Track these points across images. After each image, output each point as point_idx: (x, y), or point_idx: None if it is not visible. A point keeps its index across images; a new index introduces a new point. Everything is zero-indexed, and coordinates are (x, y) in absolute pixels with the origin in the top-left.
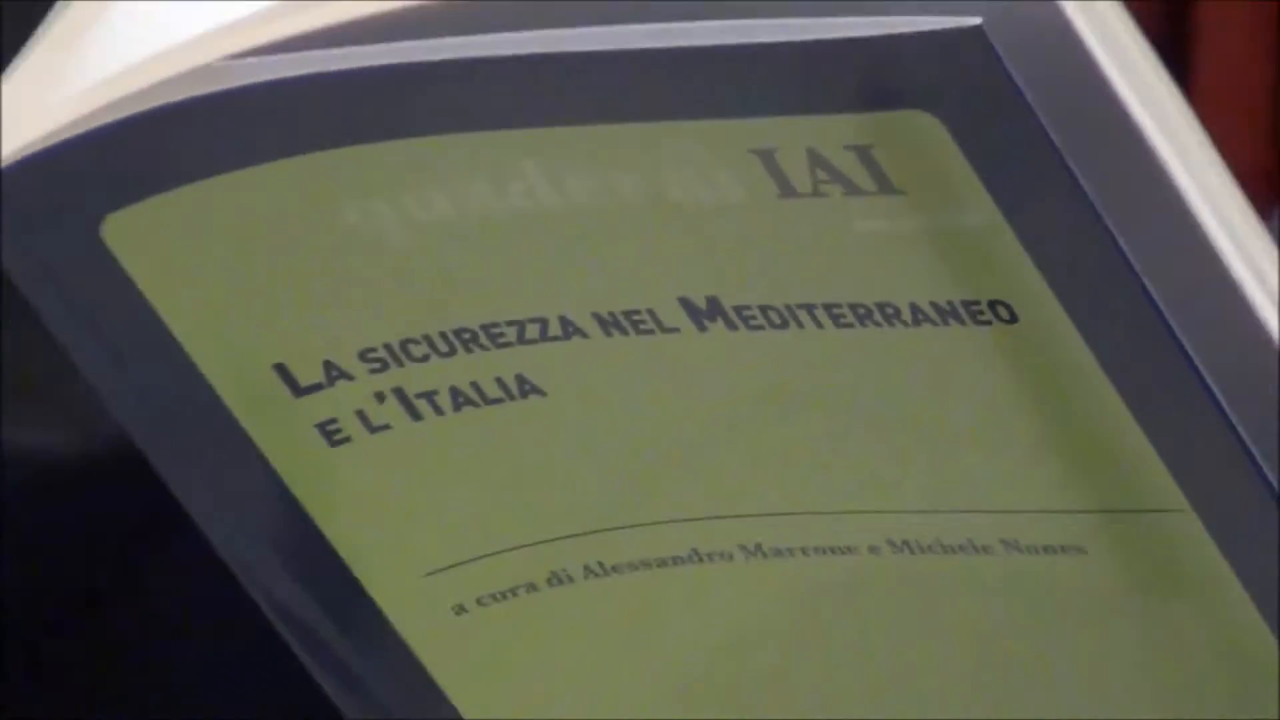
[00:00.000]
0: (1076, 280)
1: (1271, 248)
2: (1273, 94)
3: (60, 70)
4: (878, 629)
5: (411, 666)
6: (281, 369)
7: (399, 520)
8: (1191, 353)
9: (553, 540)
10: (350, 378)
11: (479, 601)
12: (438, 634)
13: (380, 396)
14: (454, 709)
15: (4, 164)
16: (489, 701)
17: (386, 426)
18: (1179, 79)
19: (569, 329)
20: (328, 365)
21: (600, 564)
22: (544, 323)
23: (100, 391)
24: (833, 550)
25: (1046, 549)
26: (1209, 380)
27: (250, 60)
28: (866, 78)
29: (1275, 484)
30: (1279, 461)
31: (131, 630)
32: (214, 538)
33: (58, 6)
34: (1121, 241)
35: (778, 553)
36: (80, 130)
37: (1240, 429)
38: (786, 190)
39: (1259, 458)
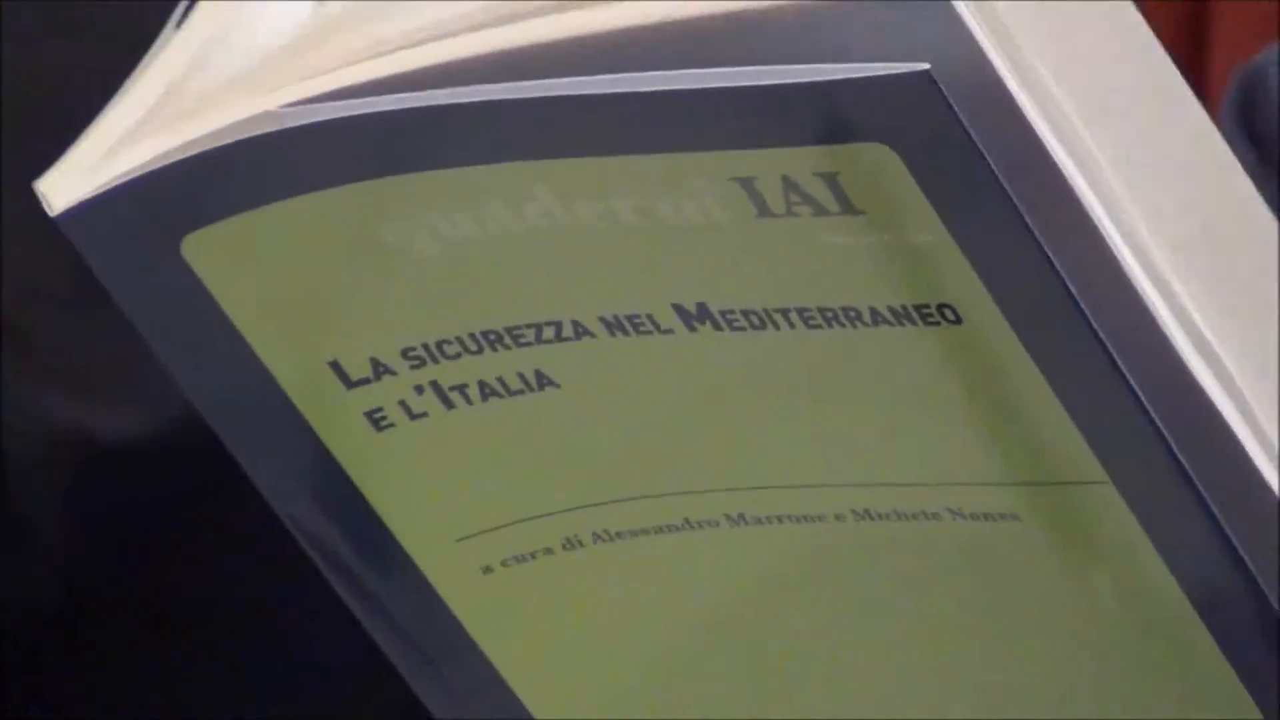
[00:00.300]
0: (1012, 286)
1: (1159, 253)
2: None
3: (147, 111)
4: (844, 585)
5: (446, 618)
6: (335, 365)
7: (434, 494)
8: (1110, 347)
9: (566, 511)
10: (393, 373)
11: (503, 563)
12: (468, 590)
13: (419, 389)
14: (483, 655)
15: (98, 191)
16: (513, 648)
17: (424, 414)
18: (1197, 79)
19: (579, 330)
20: (374, 362)
21: (606, 531)
22: (558, 325)
23: (179, 382)
24: (804, 518)
25: (986, 516)
26: (1125, 371)
27: (301, 107)
28: (832, 116)
29: (1184, 460)
30: (1187, 441)
31: (189, 598)
32: (278, 508)
33: (146, 57)
34: (1049, 252)
35: (757, 520)
36: (163, 164)
37: (1152, 411)
38: (764, 211)
39: (1169, 438)
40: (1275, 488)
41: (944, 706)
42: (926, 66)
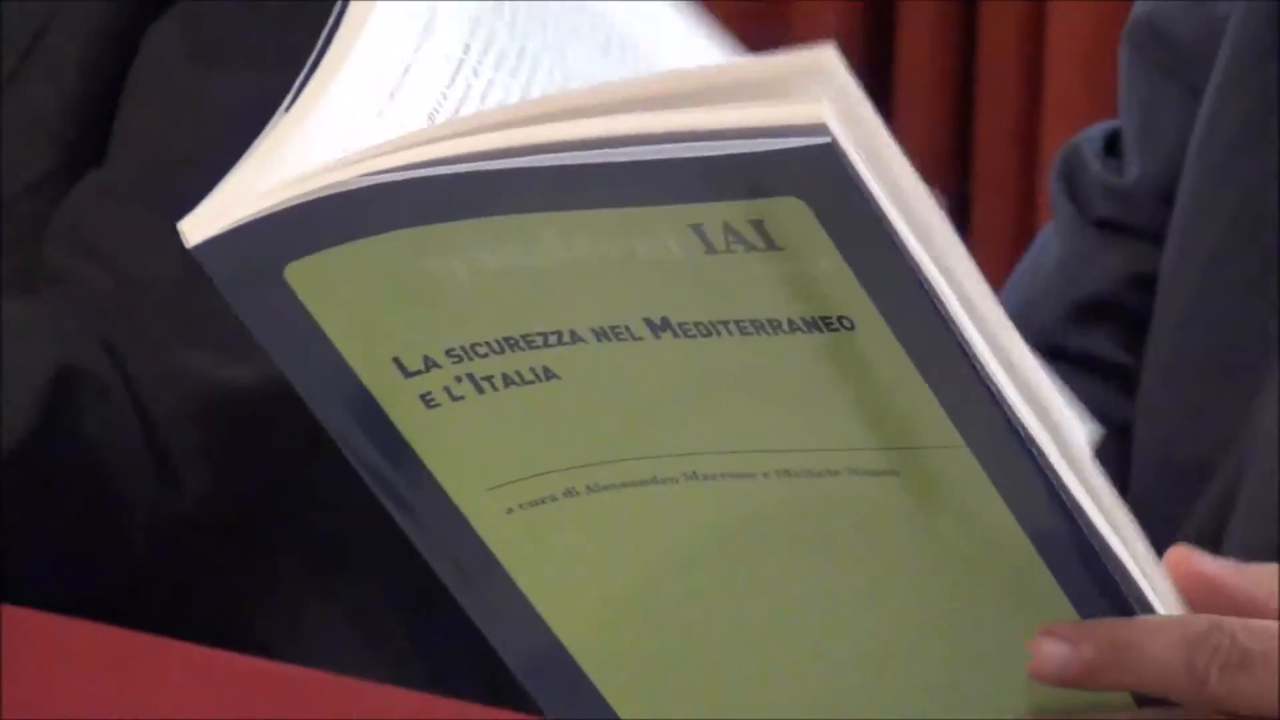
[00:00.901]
0: (892, 302)
1: (970, 269)
2: (955, 80)
3: (259, 174)
4: (772, 523)
5: (480, 546)
6: (396, 360)
7: (470, 456)
8: (965, 347)
9: (567, 469)
10: (439, 366)
11: (520, 506)
12: (495, 526)
13: (458, 379)
14: (506, 573)
15: (221, 231)
16: (529, 568)
17: (462, 397)
18: (885, 70)
19: (575, 337)
20: (425, 358)
21: (596, 484)
22: (559, 333)
23: (282, 368)
24: (742, 475)
25: (874, 473)
26: (975, 363)
27: (368, 176)
28: (758, 178)
29: (1021, 431)
30: (1022, 417)
31: (292, 534)
32: (357, 465)
33: (262, 134)
34: (920, 276)
35: (707, 478)
36: (270, 212)
37: (995, 391)
38: (710, 249)
39: (1009, 412)
40: (1085, 448)
41: (845, 604)
42: (829, 140)
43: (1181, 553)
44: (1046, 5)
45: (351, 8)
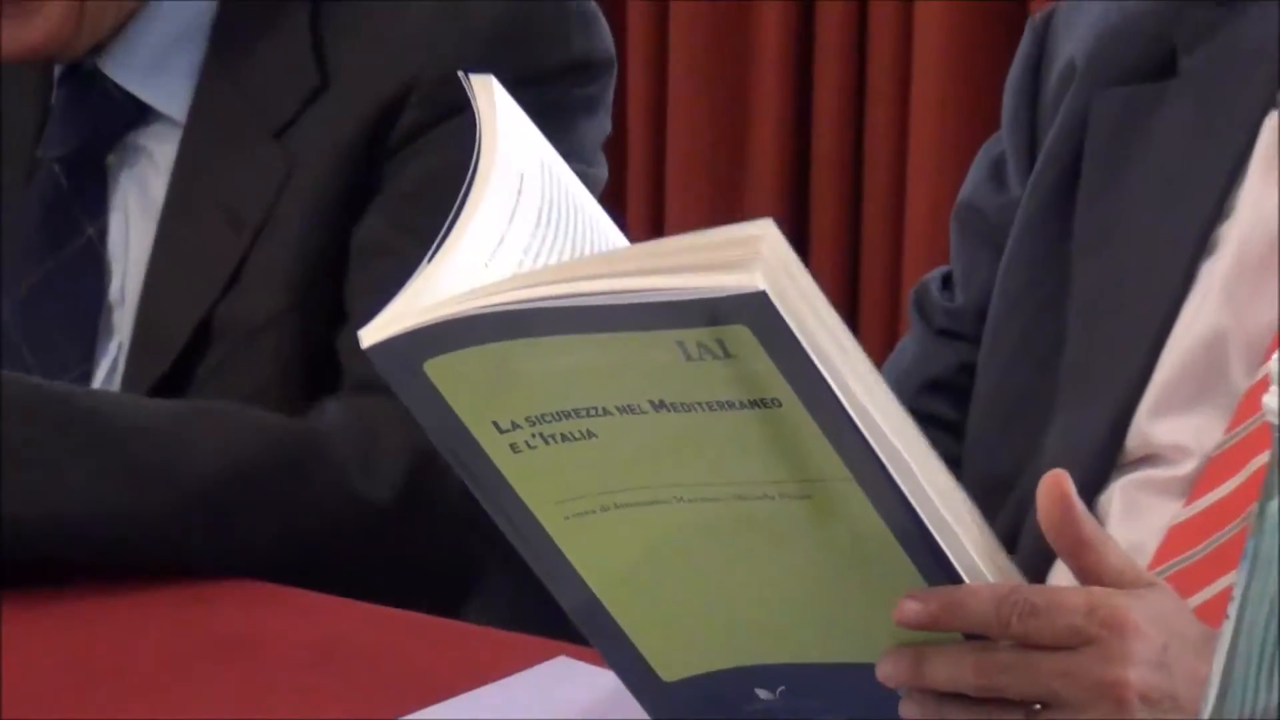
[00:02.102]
0: (805, 390)
1: (865, 368)
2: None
3: (406, 305)
4: (730, 526)
5: (547, 539)
6: (494, 423)
7: (540, 483)
8: (854, 417)
9: (599, 494)
10: (520, 427)
11: (574, 515)
12: (557, 526)
13: (532, 436)
14: (562, 553)
15: (384, 339)
16: (577, 550)
17: (535, 447)
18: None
19: (605, 411)
20: (512, 422)
21: (619, 503)
22: (595, 408)
23: (423, 426)
24: (709, 499)
25: (795, 496)
26: (861, 429)
27: (477, 311)
28: (718, 315)
29: (888, 471)
30: (888, 463)
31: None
32: (470, 486)
33: (412, 278)
34: (824, 374)
35: (688, 500)
36: (413, 328)
37: (872, 445)
38: (689, 357)
39: (881, 460)
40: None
41: (780, 574)
42: (764, 288)
43: (1055, 475)
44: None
45: (472, 191)
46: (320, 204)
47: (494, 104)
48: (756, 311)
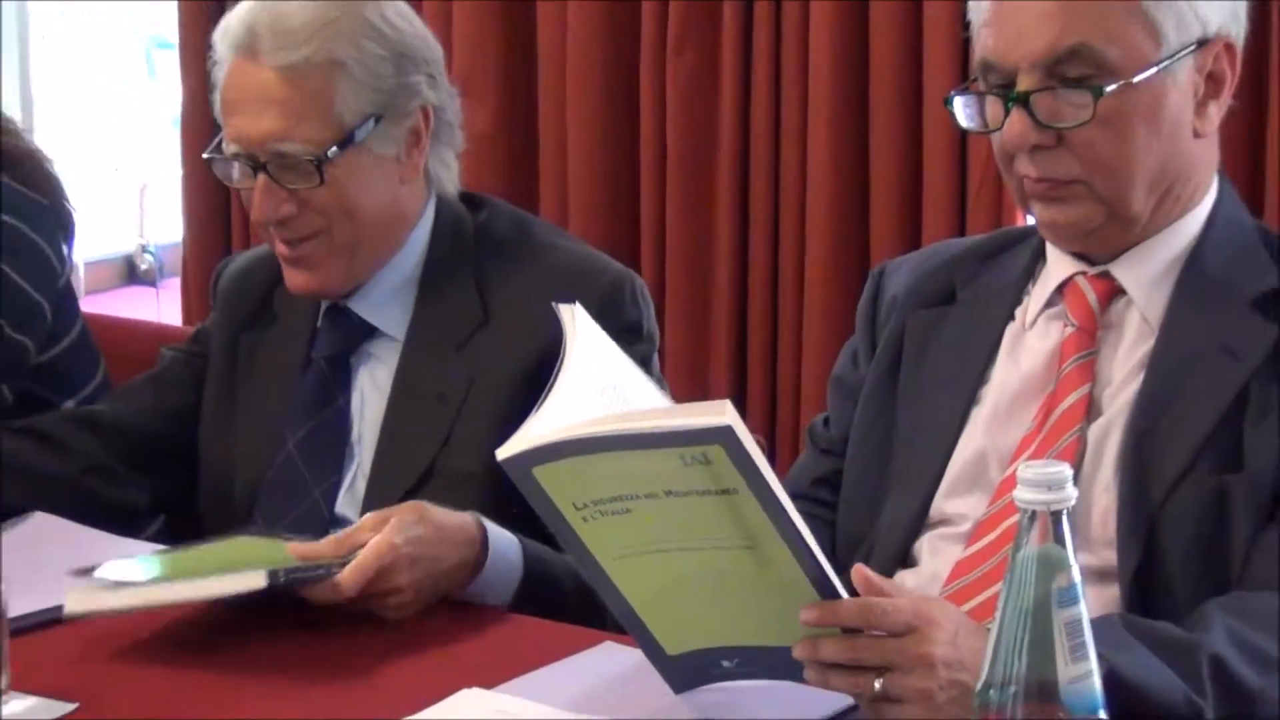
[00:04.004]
0: (753, 484)
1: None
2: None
3: (523, 434)
4: (707, 567)
5: (599, 568)
6: (573, 504)
7: (599, 539)
8: (782, 505)
9: (627, 548)
10: (587, 506)
11: (619, 558)
12: (609, 563)
13: (595, 512)
14: (608, 575)
15: (512, 454)
16: (618, 575)
17: (594, 517)
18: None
19: (634, 497)
20: (583, 503)
21: (637, 551)
22: (628, 495)
23: (534, 508)
24: (696, 549)
25: (745, 547)
26: (785, 511)
27: (554, 442)
28: (703, 438)
29: (802, 536)
30: (802, 532)
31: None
32: (557, 537)
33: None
34: (764, 474)
35: (678, 550)
36: (527, 448)
37: (792, 518)
38: (685, 463)
39: (797, 531)
40: (811, 545)
41: (731, 586)
42: (729, 422)
43: (860, 569)
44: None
45: (561, 372)
46: (500, 395)
47: (576, 321)
48: (726, 437)
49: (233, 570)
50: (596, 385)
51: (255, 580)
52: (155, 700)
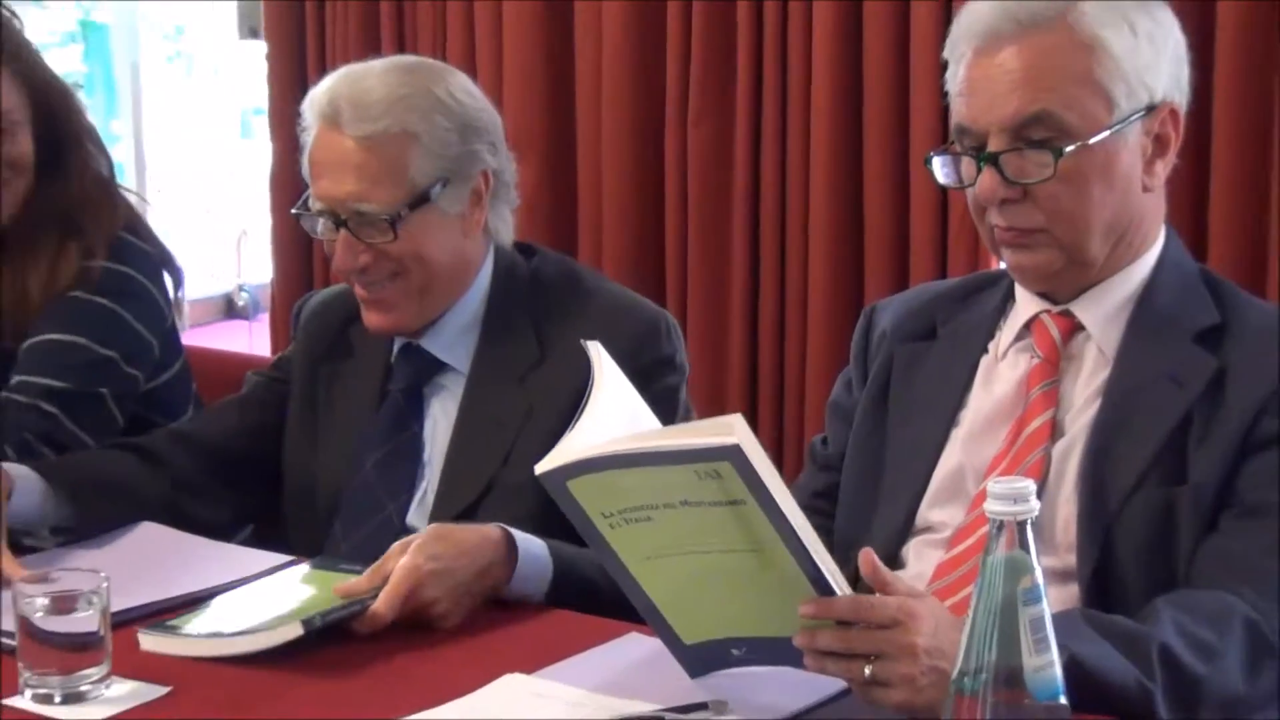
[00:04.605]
0: (759, 495)
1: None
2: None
3: (560, 450)
4: (717, 568)
5: (623, 567)
6: (601, 513)
7: (625, 544)
8: (785, 512)
9: (651, 550)
10: (614, 515)
11: (643, 560)
12: (634, 564)
13: (621, 520)
14: (630, 573)
15: (549, 469)
16: (641, 572)
17: (621, 525)
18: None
19: (653, 507)
20: (611, 511)
21: (659, 555)
22: (649, 505)
23: (571, 521)
24: (708, 551)
25: (751, 551)
26: (787, 518)
27: (588, 458)
28: (715, 455)
29: (803, 540)
30: (801, 537)
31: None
32: (586, 541)
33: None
34: (769, 487)
35: (692, 552)
36: (561, 464)
37: (793, 525)
38: (704, 478)
39: (799, 536)
40: (809, 548)
41: (740, 583)
42: (738, 443)
43: (867, 552)
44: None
45: (586, 404)
46: (552, 421)
47: (601, 358)
48: (734, 455)
49: (277, 616)
50: (618, 411)
51: (292, 631)
52: (234, 684)
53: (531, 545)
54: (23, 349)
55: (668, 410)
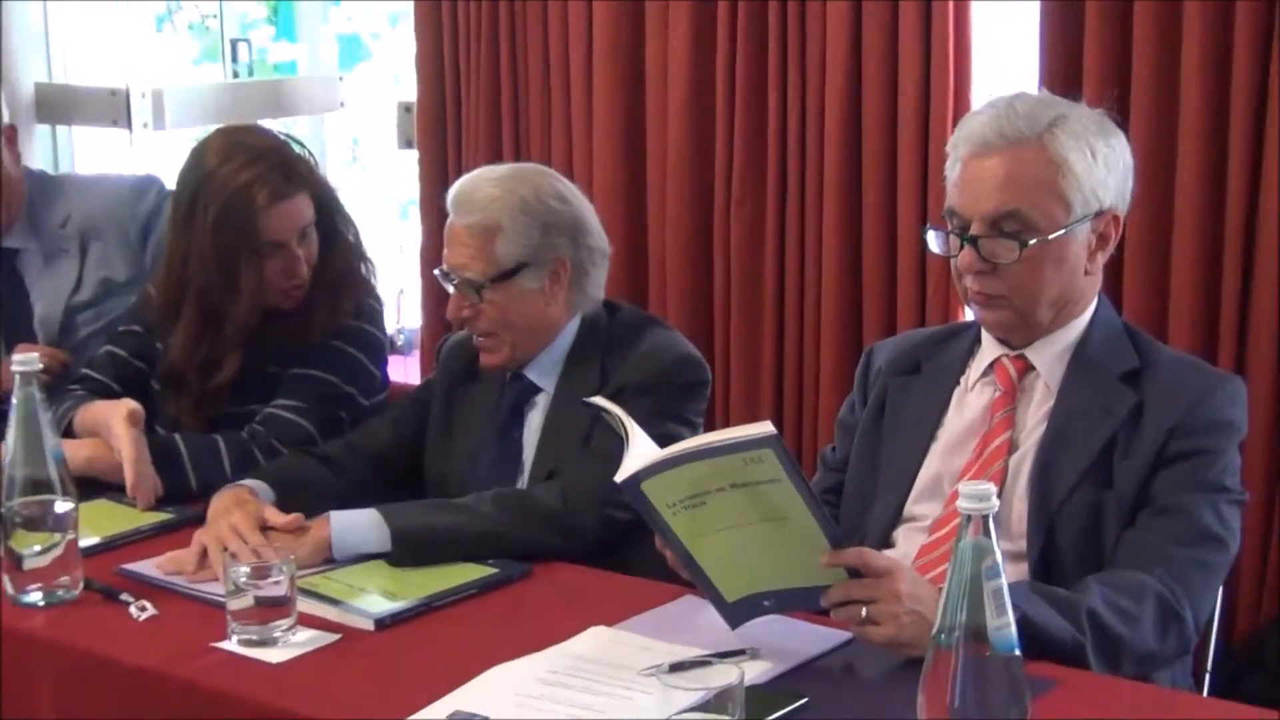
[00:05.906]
0: (792, 475)
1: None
2: None
3: (626, 463)
4: (756, 535)
5: (682, 546)
6: (666, 504)
7: (682, 526)
8: (810, 491)
9: (706, 528)
10: (676, 504)
11: (697, 536)
12: (691, 542)
13: (681, 508)
14: (686, 549)
15: (625, 476)
16: (694, 545)
17: (681, 511)
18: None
19: (709, 493)
20: (673, 503)
21: (714, 530)
22: (704, 493)
23: (641, 515)
24: (751, 523)
25: (783, 519)
26: (812, 493)
27: (661, 464)
28: (757, 445)
29: (825, 513)
30: (828, 522)
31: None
32: (652, 527)
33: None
34: (798, 470)
35: (742, 525)
36: (636, 470)
37: (816, 502)
38: (749, 464)
39: (821, 508)
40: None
41: (773, 554)
42: (774, 433)
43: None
44: None
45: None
46: (583, 429)
47: (611, 406)
48: (774, 442)
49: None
50: (647, 438)
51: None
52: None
53: (352, 513)
54: (290, 374)
55: (683, 424)
